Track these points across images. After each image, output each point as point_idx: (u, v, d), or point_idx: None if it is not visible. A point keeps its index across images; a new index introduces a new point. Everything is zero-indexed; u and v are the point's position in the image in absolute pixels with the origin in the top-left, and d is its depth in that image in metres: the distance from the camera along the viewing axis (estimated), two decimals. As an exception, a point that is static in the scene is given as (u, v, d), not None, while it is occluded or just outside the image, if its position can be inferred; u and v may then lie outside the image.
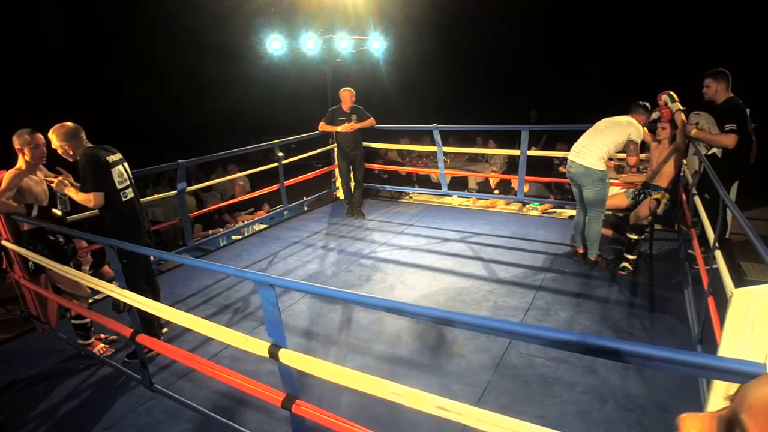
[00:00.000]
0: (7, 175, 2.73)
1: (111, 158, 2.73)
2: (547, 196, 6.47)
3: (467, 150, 7.29)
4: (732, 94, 3.56)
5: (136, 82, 12.42)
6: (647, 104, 3.74)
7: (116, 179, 2.72)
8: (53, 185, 2.77)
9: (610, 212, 4.23)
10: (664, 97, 3.73)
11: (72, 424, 2.38)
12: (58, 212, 2.88)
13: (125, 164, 2.84)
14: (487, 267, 4.00)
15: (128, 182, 2.81)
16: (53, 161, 2.91)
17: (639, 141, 3.61)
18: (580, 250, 3.98)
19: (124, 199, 2.75)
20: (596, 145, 3.59)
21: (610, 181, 3.90)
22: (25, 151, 2.75)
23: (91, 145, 2.73)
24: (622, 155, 3.93)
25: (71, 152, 2.67)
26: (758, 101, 3.76)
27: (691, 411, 0.56)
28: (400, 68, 11.73)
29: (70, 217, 3.14)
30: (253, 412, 2.35)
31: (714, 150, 3.68)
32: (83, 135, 2.70)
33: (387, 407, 1.81)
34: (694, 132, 3.61)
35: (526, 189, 6.12)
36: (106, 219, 2.75)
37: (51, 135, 2.67)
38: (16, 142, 2.75)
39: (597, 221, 3.74)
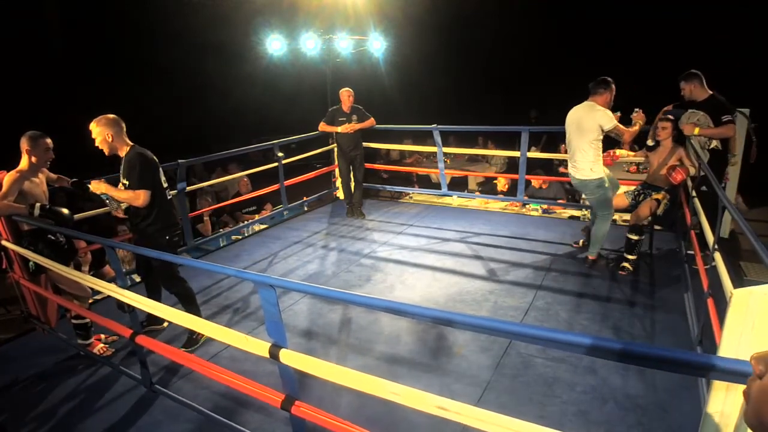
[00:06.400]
0: (8, 178, 2.68)
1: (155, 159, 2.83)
2: (560, 197, 6.34)
3: (467, 150, 7.29)
4: (711, 92, 3.58)
5: (136, 83, 12.42)
6: (606, 78, 3.52)
7: (162, 178, 2.85)
8: (92, 188, 2.75)
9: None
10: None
11: (72, 424, 2.37)
12: (64, 210, 2.85)
13: None
14: (487, 267, 4.00)
15: (167, 183, 2.94)
16: (55, 162, 2.91)
17: (612, 124, 3.42)
18: (583, 242, 3.99)
19: (168, 198, 2.91)
20: (580, 155, 3.59)
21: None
22: (35, 153, 2.73)
23: (132, 143, 2.76)
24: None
25: (111, 140, 2.67)
26: (758, 101, 3.76)
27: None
28: (400, 68, 11.74)
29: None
30: (252, 412, 2.35)
31: (715, 143, 3.67)
32: (124, 127, 2.72)
33: (387, 407, 1.81)
34: (696, 131, 3.60)
35: (544, 186, 6.12)
36: (152, 216, 2.80)
37: (93, 125, 2.66)
38: (26, 144, 2.71)
39: (605, 221, 3.75)
